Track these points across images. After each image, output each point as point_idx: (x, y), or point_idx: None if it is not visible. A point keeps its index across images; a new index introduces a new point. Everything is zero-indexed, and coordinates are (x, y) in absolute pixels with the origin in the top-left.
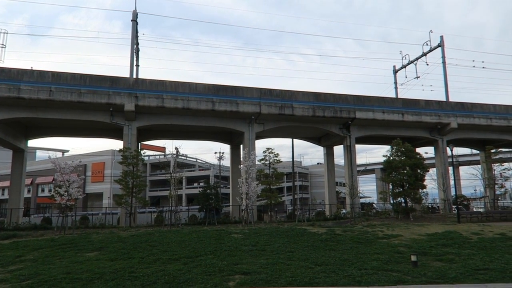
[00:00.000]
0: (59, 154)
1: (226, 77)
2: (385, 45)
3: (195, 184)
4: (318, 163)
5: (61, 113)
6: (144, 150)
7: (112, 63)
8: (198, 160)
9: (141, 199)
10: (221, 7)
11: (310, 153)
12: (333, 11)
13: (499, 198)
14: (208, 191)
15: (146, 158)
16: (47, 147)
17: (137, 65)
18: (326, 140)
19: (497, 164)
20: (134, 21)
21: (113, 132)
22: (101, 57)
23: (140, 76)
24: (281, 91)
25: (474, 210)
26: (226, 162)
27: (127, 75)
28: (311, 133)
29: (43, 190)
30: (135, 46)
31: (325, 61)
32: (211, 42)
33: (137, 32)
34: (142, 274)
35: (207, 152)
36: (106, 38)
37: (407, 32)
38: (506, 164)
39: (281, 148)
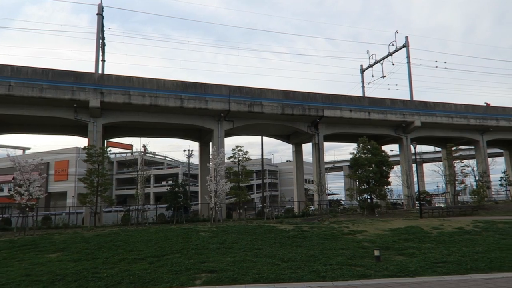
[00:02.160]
0: (20, 152)
1: (196, 74)
2: (355, 44)
3: (164, 182)
4: (287, 161)
5: (22, 109)
6: (110, 148)
7: (77, 57)
8: (166, 158)
9: (107, 198)
10: (193, 3)
11: (279, 151)
12: (305, 10)
13: (459, 194)
14: (177, 189)
15: (112, 155)
16: (6, 144)
17: (103, 60)
18: (295, 138)
19: (457, 161)
20: (100, 14)
21: (78, 129)
22: (66, 51)
23: (107, 72)
24: (250, 88)
25: (436, 205)
26: (196, 160)
27: (93, 70)
28: (280, 130)
29: (2, 190)
30: (100, 41)
31: (296, 60)
32: (182, 38)
33: (103, 26)
34: (106, 275)
35: (176, 149)
36: (72, 31)
37: (377, 32)
38: (465, 161)
39: (251, 145)
